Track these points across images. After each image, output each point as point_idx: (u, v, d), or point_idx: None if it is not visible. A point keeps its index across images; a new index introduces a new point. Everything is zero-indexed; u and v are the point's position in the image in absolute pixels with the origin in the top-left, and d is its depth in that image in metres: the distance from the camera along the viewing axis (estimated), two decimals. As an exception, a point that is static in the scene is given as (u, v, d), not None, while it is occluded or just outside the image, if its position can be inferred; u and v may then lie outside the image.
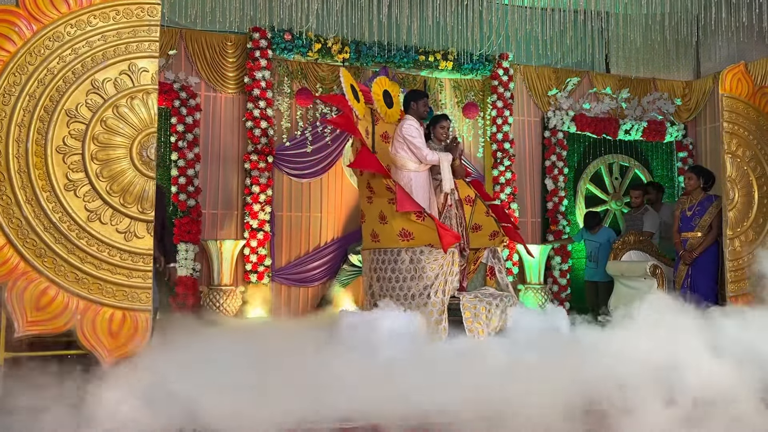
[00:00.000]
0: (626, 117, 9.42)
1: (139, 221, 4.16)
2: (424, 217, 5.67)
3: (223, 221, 7.85)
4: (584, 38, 8.47)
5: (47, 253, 3.99)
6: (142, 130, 4.20)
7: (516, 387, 3.86)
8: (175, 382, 3.70)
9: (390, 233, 5.84)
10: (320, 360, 4.49)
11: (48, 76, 4.04)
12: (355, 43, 8.11)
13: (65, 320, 4.00)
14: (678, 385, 3.79)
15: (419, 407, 3.67)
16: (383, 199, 5.89)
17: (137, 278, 4.13)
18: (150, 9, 4.26)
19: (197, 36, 7.82)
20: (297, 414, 3.54)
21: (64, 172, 4.05)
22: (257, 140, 7.81)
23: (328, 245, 8.14)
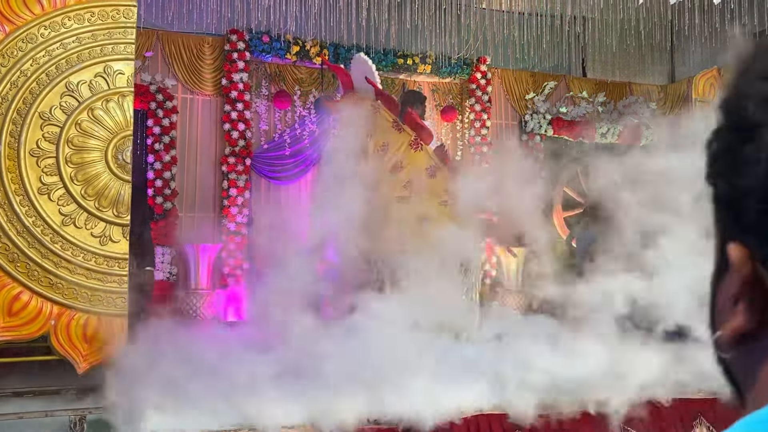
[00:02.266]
0: (602, 120, 9.52)
1: (114, 225, 4.11)
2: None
3: (200, 224, 7.79)
4: (561, 43, 8.54)
5: (20, 258, 3.92)
6: (118, 133, 4.15)
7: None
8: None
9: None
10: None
11: (21, 78, 3.98)
12: (334, 46, 8.10)
13: (39, 325, 3.94)
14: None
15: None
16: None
17: (113, 283, 4.08)
18: (126, 11, 4.22)
19: (174, 38, 7.76)
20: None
21: (37, 176, 3.99)
22: (235, 143, 7.76)
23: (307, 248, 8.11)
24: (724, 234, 0.53)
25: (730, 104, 0.52)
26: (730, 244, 0.52)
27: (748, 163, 0.49)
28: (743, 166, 0.49)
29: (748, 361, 0.52)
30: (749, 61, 0.51)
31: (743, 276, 0.51)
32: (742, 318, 0.51)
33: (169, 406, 3.69)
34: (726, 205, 0.52)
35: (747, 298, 0.51)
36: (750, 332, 0.51)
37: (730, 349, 0.53)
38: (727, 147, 0.51)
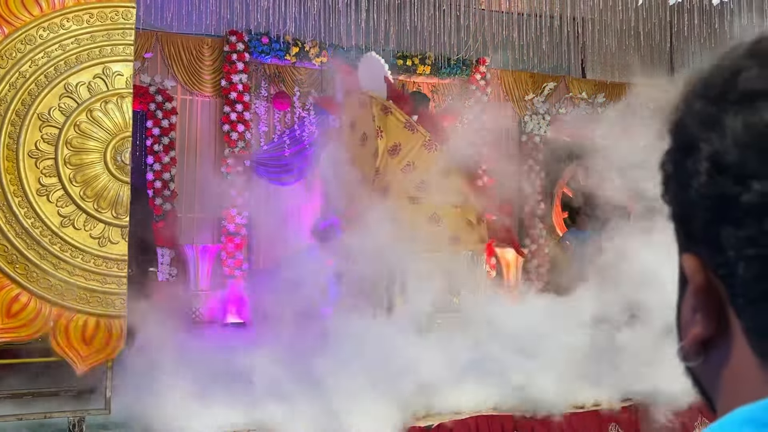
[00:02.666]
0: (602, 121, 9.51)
1: (113, 226, 4.10)
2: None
3: (199, 225, 7.79)
4: (560, 44, 8.55)
5: (19, 260, 3.91)
6: (117, 134, 4.14)
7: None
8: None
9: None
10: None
11: (20, 79, 3.97)
12: (333, 47, 8.10)
13: (38, 327, 3.92)
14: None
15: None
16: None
17: (112, 284, 4.07)
18: (125, 12, 4.21)
19: (173, 39, 7.76)
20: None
21: (36, 177, 3.98)
22: (234, 144, 7.76)
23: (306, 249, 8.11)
24: (680, 247, 0.57)
25: (675, 125, 0.56)
26: (684, 256, 0.55)
27: (691, 176, 0.52)
28: (687, 178, 0.53)
29: (711, 368, 0.55)
30: (690, 83, 0.56)
31: (697, 285, 0.54)
32: (700, 326, 0.54)
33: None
34: (679, 220, 0.56)
35: (703, 307, 0.54)
36: (709, 340, 0.54)
37: (693, 358, 0.55)
38: (675, 165, 0.55)
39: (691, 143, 0.53)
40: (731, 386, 0.53)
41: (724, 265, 0.51)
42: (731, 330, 0.53)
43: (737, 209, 0.50)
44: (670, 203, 0.57)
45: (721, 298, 0.53)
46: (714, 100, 0.52)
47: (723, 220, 0.51)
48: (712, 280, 0.53)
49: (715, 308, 0.53)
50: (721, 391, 0.54)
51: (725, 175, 0.50)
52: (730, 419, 0.49)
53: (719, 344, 0.53)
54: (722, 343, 0.53)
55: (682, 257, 0.56)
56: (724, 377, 0.53)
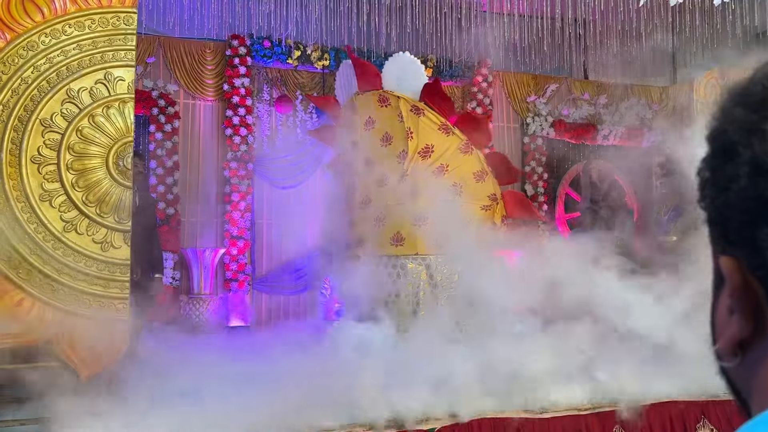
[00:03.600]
0: (604, 122, 9.51)
1: (115, 231, 4.12)
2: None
3: (202, 229, 7.80)
4: (563, 45, 8.54)
5: (22, 265, 3.93)
6: (119, 139, 4.16)
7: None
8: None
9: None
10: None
11: (22, 85, 3.99)
12: (335, 50, 8.12)
13: (41, 332, 3.94)
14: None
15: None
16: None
17: (114, 289, 4.08)
18: (126, 18, 4.23)
19: (176, 43, 7.78)
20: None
21: (39, 183, 3.99)
22: (237, 148, 7.78)
23: (310, 253, 8.12)
24: (717, 250, 0.59)
25: (714, 132, 0.58)
26: (721, 258, 0.57)
27: (731, 180, 0.54)
28: (726, 182, 0.55)
29: (746, 369, 0.56)
30: (727, 95, 0.58)
31: (735, 286, 0.56)
32: (736, 327, 0.56)
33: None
34: (715, 223, 0.58)
35: (740, 308, 0.55)
36: (745, 340, 0.55)
37: (730, 359, 0.57)
38: (713, 171, 0.57)
39: (731, 149, 0.55)
40: (767, 387, 0.54)
41: (763, 266, 0.53)
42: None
43: None
44: (707, 208, 0.59)
45: (759, 299, 0.54)
46: (754, 107, 0.54)
47: (762, 222, 0.52)
48: (750, 282, 0.55)
49: (753, 309, 0.55)
50: (756, 391, 0.55)
51: (765, 179, 0.52)
52: (764, 418, 0.50)
53: (756, 345, 0.55)
54: (759, 344, 0.55)
55: (719, 259, 0.57)
56: (760, 377, 0.55)
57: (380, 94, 6.23)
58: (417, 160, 6.06)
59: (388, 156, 6.10)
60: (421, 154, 6.07)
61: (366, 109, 6.29)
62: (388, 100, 6.18)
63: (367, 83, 6.32)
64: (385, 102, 6.18)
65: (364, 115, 6.28)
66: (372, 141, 6.21)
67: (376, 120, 6.19)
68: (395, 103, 6.14)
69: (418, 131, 6.05)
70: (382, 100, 6.20)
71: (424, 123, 6.08)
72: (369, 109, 6.25)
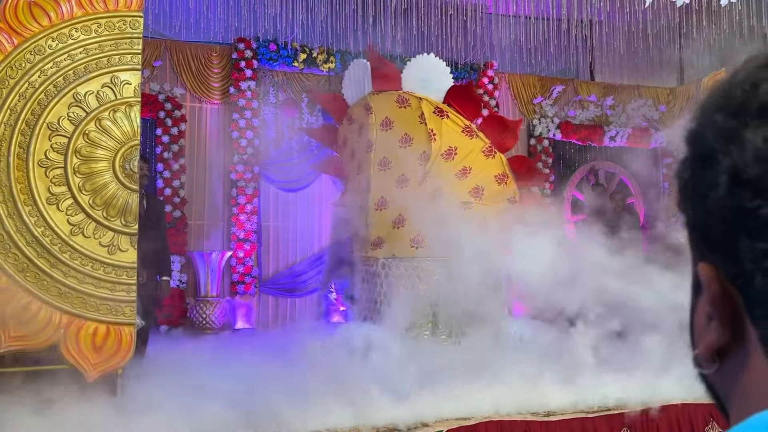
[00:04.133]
0: (611, 124, 9.48)
1: (122, 234, 4.13)
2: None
3: (209, 232, 7.82)
4: (569, 46, 8.53)
5: (30, 268, 3.95)
6: (125, 142, 4.17)
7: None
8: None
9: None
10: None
11: (29, 89, 4.01)
12: (340, 53, 8.13)
13: (48, 335, 3.95)
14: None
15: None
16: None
17: (121, 292, 4.10)
18: (132, 21, 4.24)
19: (182, 47, 7.81)
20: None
21: (46, 186, 4.01)
22: (243, 150, 7.79)
23: (316, 255, 8.13)
24: (696, 256, 0.58)
25: (693, 136, 0.57)
26: (700, 265, 0.56)
27: (709, 187, 0.53)
28: (705, 189, 0.53)
29: (724, 375, 0.55)
30: (708, 97, 0.56)
31: (713, 294, 0.55)
32: (714, 334, 0.55)
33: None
34: (694, 229, 0.57)
35: (718, 316, 0.54)
36: (723, 348, 0.55)
37: (708, 365, 0.56)
38: (692, 174, 0.56)
39: (710, 155, 0.53)
40: (746, 393, 0.53)
41: (741, 275, 0.52)
42: (746, 338, 0.53)
43: (756, 222, 0.50)
44: (685, 212, 0.57)
45: (737, 307, 0.53)
46: (734, 113, 0.52)
47: (741, 232, 0.51)
48: (728, 290, 0.54)
49: (731, 317, 0.54)
50: (735, 398, 0.55)
51: (744, 189, 0.50)
52: (744, 426, 0.49)
53: (734, 352, 0.54)
54: (737, 351, 0.54)
55: (698, 266, 0.56)
56: (739, 384, 0.54)
57: (399, 95, 6.15)
58: (440, 161, 6.02)
59: (407, 157, 6.04)
60: (444, 156, 6.03)
61: (382, 109, 6.19)
62: (408, 101, 6.11)
63: (386, 83, 6.22)
64: (405, 103, 6.11)
65: (380, 115, 6.18)
66: (389, 142, 6.10)
67: (394, 121, 6.10)
68: (416, 105, 6.06)
69: (441, 133, 6.00)
70: (402, 101, 6.13)
71: (448, 125, 6.05)
72: (386, 109, 6.13)
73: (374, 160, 6.12)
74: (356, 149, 6.50)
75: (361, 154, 6.38)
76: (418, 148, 6.03)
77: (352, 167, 6.62)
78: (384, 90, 6.19)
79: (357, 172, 6.44)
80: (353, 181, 6.52)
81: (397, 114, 6.08)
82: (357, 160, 6.48)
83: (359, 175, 6.36)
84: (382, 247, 6.03)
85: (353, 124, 6.57)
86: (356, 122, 6.53)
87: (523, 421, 4.27)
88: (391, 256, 5.99)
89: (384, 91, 6.21)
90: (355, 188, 6.47)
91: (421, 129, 6.01)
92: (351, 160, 6.63)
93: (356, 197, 6.35)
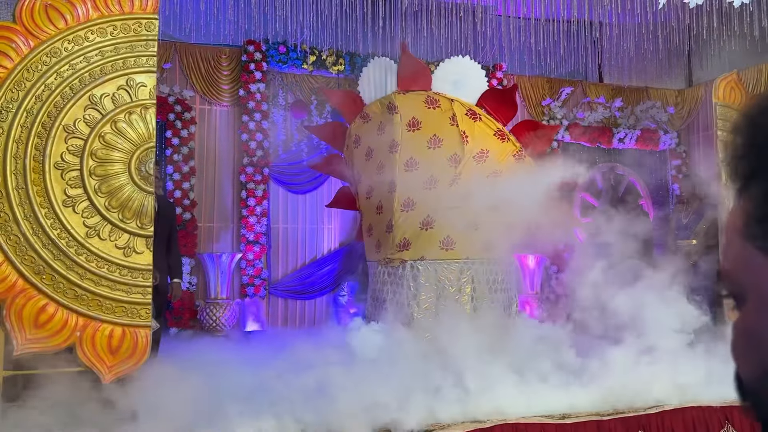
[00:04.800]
0: (620, 126, 9.46)
1: (138, 236, 4.13)
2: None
3: (219, 234, 7.82)
4: (577, 48, 8.51)
5: (46, 270, 3.95)
6: (141, 144, 4.18)
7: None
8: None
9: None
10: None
11: (46, 92, 4.02)
12: (350, 55, 8.13)
13: (65, 337, 3.96)
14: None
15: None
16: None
17: (137, 294, 4.10)
18: (147, 24, 4.25)
19: (192, 49, 7.82)
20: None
21: (62, 188, 4.02)
22: (253, 153, 7.80)
23: (325, 257, 8.12)
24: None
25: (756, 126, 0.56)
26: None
27: None
28: None
29: None
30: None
31: None
32: None
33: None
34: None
35: None
36: None
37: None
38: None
39: None
40: None
41: None
42: None
43: None
44: (753, 198, 0.53)
45: None
46: None
47: None
48: None
49: None
50: None
51: None
52: None
53: None
54: None
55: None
56: None
57: (428, 96, 6.07)
58: (471, 164, 5.97)
59: (436, 159, 5.96)
60: (476, 158, 5.98)
61: (409, 109, 6.07)
62: (438, 102, 6.02)
63: (414, 83, 6.11)
64: (434, 104, 6.01)
65: (406, 115, 6.05)
66: (417, 142, 5.99)
67: (422, 121, 5.97)
68: (447, 106, 5.97)
69: (474, 135, 5.95)
70: (431, 102, 6.04)
71: (480, 128, 6.00)
72: (413, 109, 6.02)
73: (400, 160, 5.98)
74: (376, 149, 6.29)
75: (382, 155, 6.19)
76: (448, 149, 5.95)
77: (367, 166, 6.48)
78: (411, 90, 6.10)
79: (377, 173, 6.25)
80: (371, 181, 6.35)
81: (425, 115, 5.97)
82: (377, 160, 6.29)
83: (380, 176, 6.18)
84: (409, 248, 5.94)
85: (369, 122, 6.44)
86: (374, 121, 6.40)
87: (537, 424, 4.26)
88: (420, 258, 5.91)
89: (411, 91, 6.12)
90: (373, 188, 6.33)
91: (452, 130, 5.94)
92: (366, 159, 6.51)
93: (375, 198, 6.24)
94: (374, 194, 6.21)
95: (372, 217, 6.25)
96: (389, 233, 5.99)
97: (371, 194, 6.25)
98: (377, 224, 6.19)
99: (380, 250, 6.16)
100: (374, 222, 6.24)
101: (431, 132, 5.96)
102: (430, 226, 5.88)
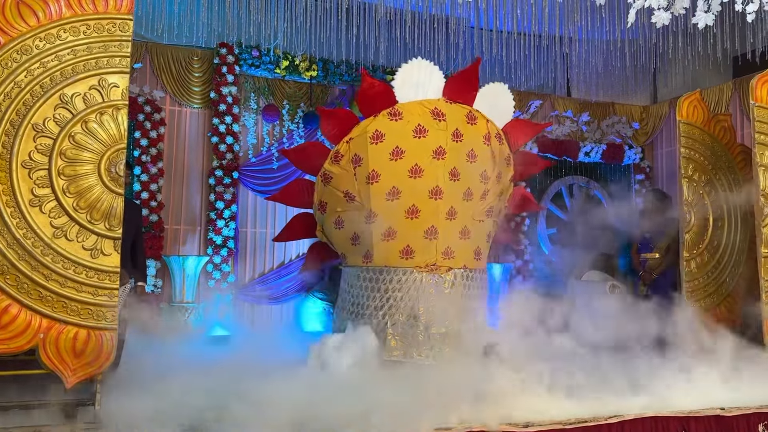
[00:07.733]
0: (586, 140, 9.65)
1: (106, 238, 4.09)
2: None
3: (186, 237, 7.75)
4: (547, 62, 8.66)
5: (10, 271, 3.88)
6: (112, 145, 4.13)
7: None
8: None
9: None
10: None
11: (15, 89, 3.96)
12: (323, 61, 8.15)
13: (27, 339, 3.89)
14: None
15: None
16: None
17: (103, 296, 4.05)
18: (122, 24, 4.21)
19: (163, 50, 7.76)
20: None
21: (29, 188, 3.96)
22: (222, 156, 7.76)
23: (294, 262, 8.11)
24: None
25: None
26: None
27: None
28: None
29: None
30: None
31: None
32: None
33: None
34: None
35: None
36: None
37: None
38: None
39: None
40: None
41: None
42: None
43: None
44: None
45: None
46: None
47: None
48: None
49: None
50: None
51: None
52: None
53: None
54: None
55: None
56: None
57: (470, 111, 6.03)
58: (494, 182, 6.15)
59: (473, 173, 5.98)
60: (498, 177, 6.19)
61: (454, 119, 5.99)
62: (476, 119, 6.00)
63: (460, 95, 6.10)
64: (473, 120, 5.98)
65: (452, 124, 5.95)
66: (459, 154, 5.92)
67: (464, 135, 5.91)
68: (483, 125, 6.01)
69: (496, 158, 6.10)
70: (471, 118, 5.97)
71: (500, 151, 6.17)
72: (457, 120, 5.96)
73: (446, 168, 5.87)
74: (409, 150, 5.90)
75: (423, 159, 5.89)
76: (481, 166, 6.01)
77: (396, 166, 5.96)
78: (456, 101, 6.10)
79: (411, 175, 5.88)
80: (399, 183, 5.92)
81: (465, 128, 5.94)
82: (411, 162, 5.90)
83: (416, 179, 5.87)
84: (453, 257, 5.92)
85: (400, 121, 5.97)
86: (409, 122, 5.96)
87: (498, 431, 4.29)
88: (463, 267, 5.96)
89: (456, 102, 6.11)
90: (401, 191, 5.92)
91: (484, 148, 5.99)
92: (393, 158, 5.94)
93: (406, 201, 5.89)
94: (404, 197, 5.86)
95: (397, 220, 5.87)
96: (431, 239, 5.86)
97: (398, 196, 5.97)
98: (408, 229, 5.87)
99: (409, 256, 5.91)
100: (401, 226, 5.86)
101: (470, 146, 5.89)
102: (468, 236, 5.98)
